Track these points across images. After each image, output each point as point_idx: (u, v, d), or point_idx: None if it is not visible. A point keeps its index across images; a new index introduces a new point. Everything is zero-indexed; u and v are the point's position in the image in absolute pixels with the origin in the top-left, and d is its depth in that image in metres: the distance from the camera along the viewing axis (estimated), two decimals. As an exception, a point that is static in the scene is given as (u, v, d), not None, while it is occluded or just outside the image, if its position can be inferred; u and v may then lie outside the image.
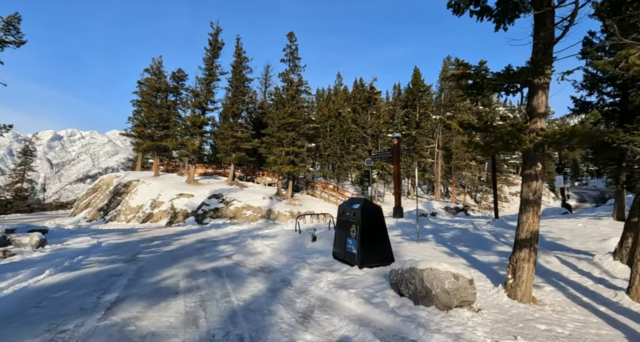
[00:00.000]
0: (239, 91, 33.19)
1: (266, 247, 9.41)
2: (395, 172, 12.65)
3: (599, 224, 9.61)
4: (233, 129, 32.64)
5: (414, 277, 4.80)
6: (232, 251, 9.84)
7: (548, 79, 4.65)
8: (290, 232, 12.32)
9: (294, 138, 28.65)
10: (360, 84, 45.91)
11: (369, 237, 6.58)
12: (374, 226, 6.69)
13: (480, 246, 8.45)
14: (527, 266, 4.80)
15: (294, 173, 28.55)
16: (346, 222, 7.12)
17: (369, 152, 30.61)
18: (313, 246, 8.94)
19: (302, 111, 31.01)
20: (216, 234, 14.49)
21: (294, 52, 30.05)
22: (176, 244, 11.65)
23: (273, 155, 28.48)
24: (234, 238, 12.61)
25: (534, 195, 4.79)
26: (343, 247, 7.12)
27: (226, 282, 6.35)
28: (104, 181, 31.46)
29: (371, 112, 31.84)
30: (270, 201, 26.55)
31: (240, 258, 8.64)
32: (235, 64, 33.82)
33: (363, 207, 6.68)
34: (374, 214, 6.74)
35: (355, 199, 7.34)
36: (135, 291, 5.82)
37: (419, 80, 36.91)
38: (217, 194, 26.59)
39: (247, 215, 24.54)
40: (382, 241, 6.73)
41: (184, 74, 38.14)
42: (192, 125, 31.26)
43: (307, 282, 6.06)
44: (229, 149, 31.78)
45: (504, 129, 4.37)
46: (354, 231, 6.73)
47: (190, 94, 34.20)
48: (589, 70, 10.45)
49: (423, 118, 35.32)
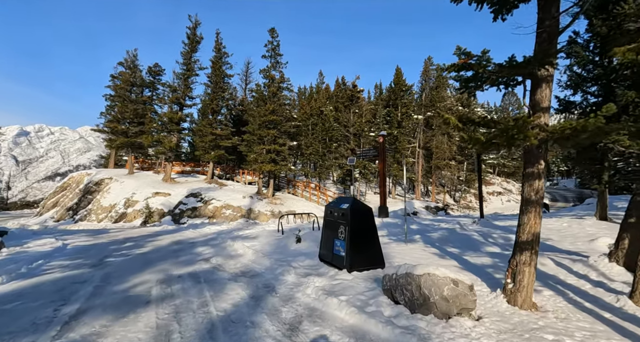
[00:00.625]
0: (218, 87, 32.26)
1: (247, 249, 8.89)
2: (381, 170, 12.36)
3: (583, 224, 9.62)
4: (212, 126, 31.69)
5: (410, 283, 4.44)
6: (210, 253, 9.25)
7: (552, 71, 4.39)
8: (273, 232, 11.81)
9: (276, 136, 28.04)
10: (343, 82, 45.67)
11: (358, 239, 6.19)
12: (364, 227, 6.31)
13: (470, 247, 8.24)
14: (528, 270, 4.54)
15: (275, 172, 27.96)
16: (334, 223, 6.71)
17: (351, 151, 30.38)
18: (297, 248, 8.49)
19: (283, 109, 30.43)
20: (194, 234, 13.80)
21: (276, 49, 29.43)
22: (150, 246, 10.93)
23: (254, 154, 27.78)
24: (213, 239, 11.99)
25: (536, 195, 4.52)
26: (330, 249, 6.71)
27: (204, 288, 5.81)
28: (73, 178, 29.84)
29: (354, 110, 31.61)
30: (251, 200, 25.88)
31: (220, 261, 8.09)
32: (215, 59, 32.85)
33: (352, 207, 6.29)
34: (363, 215, 6.36)
35: (344, 198, 6.94)
36: (99, 301, 5.20)
37: (401, 80, 37.00)
38: (195, 193, 25.67)
39: (226, 214, 23.79)
40: (372, 243, 6.36)
41: (160, 69, 36.75)
42: (169, 121, 30.10)
43: (293, 288, 5.61)
44: (208, 146, 30.83)
45: (508, 124, 4.07)
46: (343, 233, 6.33)
47: (167, 89, 32.96)
48: (573, 70, 10.48)
49: (405, 117, 35.42)
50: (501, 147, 4.41)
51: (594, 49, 10.24)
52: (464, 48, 4.29)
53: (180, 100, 30.75)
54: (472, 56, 4.27)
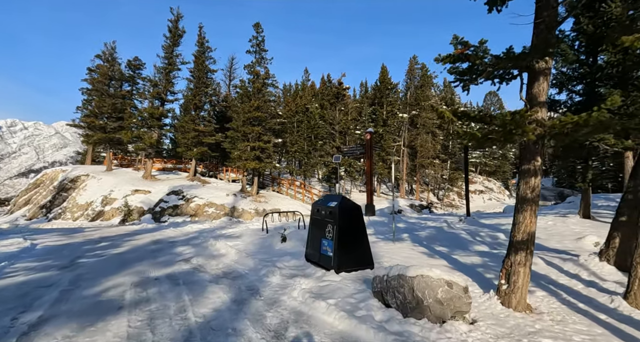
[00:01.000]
0: (201, 82, 31.47)
1: (230, 249, 8.52)
2: (368, 168, 12.16)
3: (567, 222, 9.66)
4: (195, 122, 30.91)
5: (402, 285, 4.21)
6: (191, 253, 8.83)
7: (550, 64, 4.23)
8: (257, 231, 11.45)
9: (260, 133, 27.56)
10: (328, 80, 45.39)
11: (347, 239, 5.93)
12: (353, 226, 6.05)
13: (458, 246, 8.11)
14: (523, 271, 4.38)
15: (259, 169, 27.48)
16: (321, 222, 6.43)
17: (337, 149, 30.17)
18: (283, 248, 8.18)
19: (268, 105, 29.96)
20: (174, 233, 13.28)
21: (261, 44, 28.91)
22: (127, 245, 10.39)
23: (238, 151, 27.23)
24: (194, 238, 11.53)
25: (532, 192, 4.36)
26: (317, 249, 6.44)
27: (183, 292, 5.44)
28: (47, 175, 28.57)
29: (339, 108, 31.39)
30: (235, 197, 25.36)
31: (201, 262, 7.70)
32: (198, 53, 32.03)
33: (341, 205, 6.02)
34: (352, 213, 6.11)
35: (332, 196, 6.67)
36: (65, 307, 4.76)
37: (386, 78, 37.00)
38: (176, 191, 24.96)
39: (209, 213, 23.22)
40: (361, 243, 6.12)
41: (141, 63, 35.60)
42: (149, 117, 29.16)
43: (279, 291, 5.30)
44: (191, 143, 30.06)
45: (505, 118, 3.87)
46: (330, 232, 6.06)
47: (147, 83, 31.94)
48: (559, 68, 10.51)
49: (390, 116, 35.47)
50: (497, 143, 4.23)
51: (579, 47, 10.28)
52: (461, 37, 4.07)
53: (161, 95, 29.84)
54: (470, 46, 4.07)
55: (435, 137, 39.70)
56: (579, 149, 10.17)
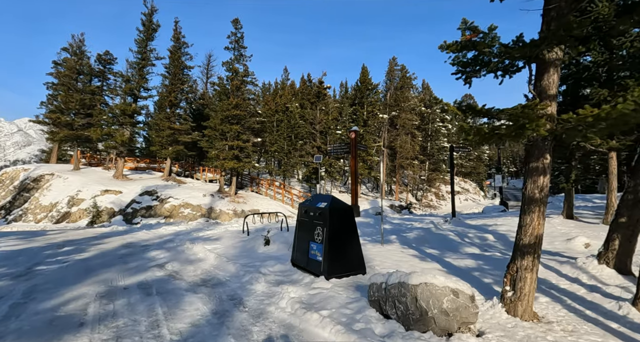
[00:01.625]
0: (177, 79, 30.29)
1: (209, 253, 7.91)
2: (353, 167, 11.83)
3: (552, 223, 9.64)
4: (170, 120, 29.72)
5: (404, 294, 3.82)
6: (166, 257, 8.16)
7: (561, 54, 3.96)
8: (237, 233, 10.85)
9: (239, 132, 26.78)
10: (309, 79, 44.95)
11: (338, 243, 5.51)
12: (344, 228, 5.63)
13: (448, 248, 7.87)
14: (530, 277, 4.09)
15: (238, 169, 26.70)
16: (309, 224, 5.98)
17: (317, 149, 29.76)
18: (266, 251, 7.66)
19: (247, 103, 29.19)
20: (147, 236, 12.45)
21: (240, 41, 28.15)
22: (94, 250, 9.56)
23: (215, 150, 26.35)
24: (169, 241, 10.80)
25: (541, 192, 4.08)
26: (305, 253, 5.98)
27: (156, 303, 4.85)
28: (7, 174, 26.63)
29: (320, 107, 31.00)
30: (212, 198, 24.48)
31: (177, 267, 7.07)
32: (173, 49, 30.83)
33: (331, 206, 5.59)
34: (344, 215, 5.69)
35: (321, 196, 6.23)
36: (15, 325, 4.08)
37: (367, 79, 36.96)
38: (150, 191, 23.82)
39: (185, 214, 22.26)
40: (353, 247, 5.70)
41: (112, 57, 33.93)
42: (121, 113, 27.78)
43: (264, 300, 4.81)
44: (165, 141, 28.87)
45: (517, 112, 3.56)
46: (320, 235, 5.61)
47: (119, 79, 30.44)
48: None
49: (371, 116, 35.44)
50: (505, 138, 3.91)
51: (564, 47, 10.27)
52: (470, 22, 3.73)
53: (134, 91, 28.51)
54: (479, 32, 3.74)
55: (414, 138, 40.02)
56: (563, 149, 10.20)
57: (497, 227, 9.67)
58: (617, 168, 9.46)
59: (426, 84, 54.69)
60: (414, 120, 39.12)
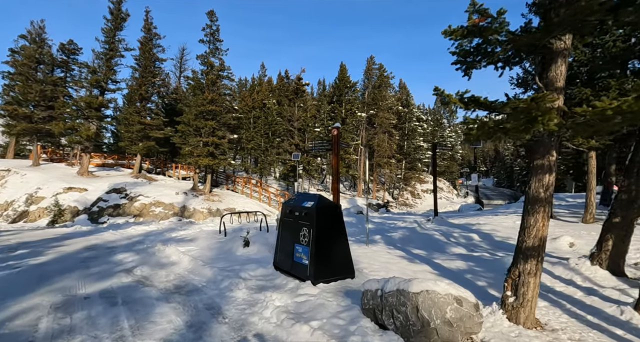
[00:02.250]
0: (148, 71, 28.89)
1: (183, 256, 7.31)
2: (335, 165, 11.47)
3: None
4: (141, 114, 28.32)
5: (404, 303, 3.47)
6: (134, 261, 7.49)
7: (569, 44, 3.73)
8: (213, 234, 10.24)
9: (214, 128, 25.87)
10: (286, 76, 44.27)
11: (326, 244, 5.11)
12: (333, 229, 5.25)
13: (435, 248, 7.66)
14: (534, 282, 3.85)
15: (213, 166, 25.80)
16: (294, 225, 5.55)
17: (295, 146, 29.26)
18: (245, 253, 7.16)
19: (223, 99, 28.27)
20: (114, 237, 11.58)
21: (215, 33, 27.20)
22: (52, 253, 8.69)
23: (189, 146, 25.31)
24: (139, 243, 10.04)
25: (546, 192, 3.85)
26: (289, 255, 5.54)
27: (122, 315, 4.28)
28: (-44, 170, 24.43)
29: (298, 104, 30.50)
30: (185, 196, 23.50)
31: (147, 272, 6.45)
32: (144, 40, 29.38)
33: (319, 205, 5.18)
34: (332, 215, 5.29)
35: (307, 195, 5.81)
36: (-53, 348, 3.44)
37: (346, 76, 36.78)
38: (118, 188, 22.54)
39: (156, 212, 21.21)
40: (342, 249, 5.32)
41: (76, 47, 31.91)
42: (86, 106, 26.13)
43: (246, 310, 4.35)
44: (136, 137, 27.49)
45: (526, 104, 3.29)
46: (306, 236, 5.19)
47: (85, 70, 28.62)
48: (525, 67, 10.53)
49: (349, 114, 35.29)
50: (511, 134, 3.63)
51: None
52: (479, 3, 3.42)
53: (101, 83, 26.89)
54: (488, 16, 3.43)
55: (391, 137, 40.28)
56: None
57: (480, 226, 9.62)
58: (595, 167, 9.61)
59: (403, 84, 55.36)
60: (391, 119, 39.35)
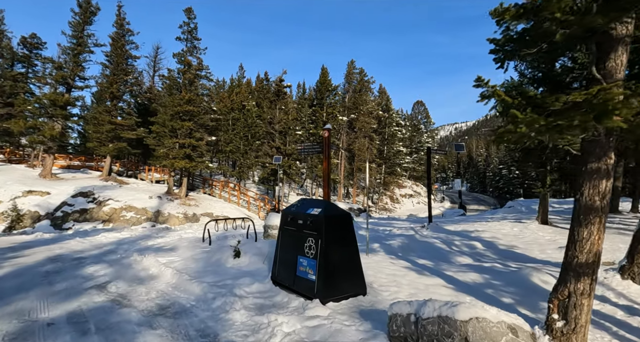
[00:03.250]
0: (120, 69, 27.39)
1: (164, 268, 6.49)
2: (325, 169, 10.93)
3: (531, 229, 9.49)
4: (111, 114, 26.76)
5: (449, 334, 2.93)
6: (107, 275, 6.59)
7: (631, 30, 3.32)
8: (195, 242, 9.40)
9: (192, 129, 24.76)
10: (266, 78, 43.45)
11: (336, 257, 4.51)
12: (343, 240, 4.66)
13: (440, 258, 7.23)
14: (587, 303, 3.38)
15: (190, 169, 24.62)
16: (297, 234, 4.92)
17: (276, 150, 28.52)
18: (236, 265, 6.43)
19: (201, 99, 27.20)
20: (82, 245, 10.46)
21: (193, 31, 26.19)
22: (8, 265, 7.60)
23: (164, 148, 24.06)
24: (111, 252, 9.06)
25: (602, 200, 3.35)
26: (291, 269, 4.91)
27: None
28: None
29: (280, 106, 29.83)
30: (159, 200, 22.23)
31: (123, 289, 5.61)
32: (116, 36, 27.89)
33: (328, 213, 4.58)
34: (342, 224, 4.71)
35: (311, 201, 5.22)
36: None
37: (327, 80, 36.47)
38: (85, 192, 20.99)
39: (127, 217, 19.87)
40: (353, 263, 4.71)
41: (40, 42, 29.93)
42: (51, 104, 24.36)
43: (249, 337, 3.67)
44: (105, 137, 25.90)
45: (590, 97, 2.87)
46: (313, 248, 4.58)
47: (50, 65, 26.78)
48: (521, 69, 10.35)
49: (330, 118, 34.93)
50: (565, 132, 3.19)
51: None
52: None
53: (67, 80, 25.19)
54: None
55: (372, 142, 40.26)
56: (539, 153, 10.10)
57: (479, 233, 9.32)
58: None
59: (383, 89, 55.76)
60: (372, 124, 39.37)
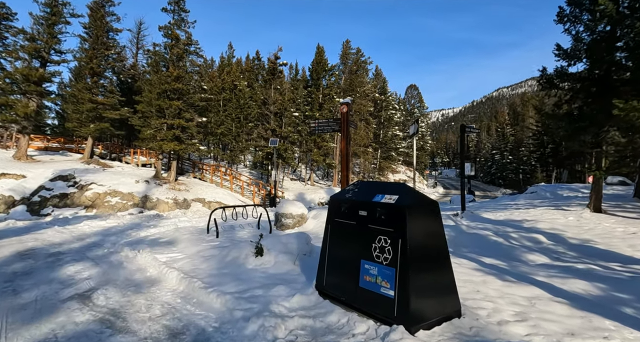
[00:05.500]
0: (100, 43, 25.06)
1: (166, 269, 5.14)
2: (344, 149, 9.61)
3: (589, 218, 8.36)
4: (92, 91, 24.59)
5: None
6: (93, 278, 5.21)
7: None
8: (197, 233, 8.03)
9: (181, 109, 22.93)
10: (257, 57, 41.26)
11: (425, 266, 3.21)
12: (433, 239, 3.38)
13: (505, 255, 5.99)
14: None
15: (179, 152, 22.95)
16: (358, 230, 3.59)
17: (272, 132, 26.94)
18: (260, 266, 5.11)
19: (190, 76, 25.28)
20: (61, 236, 8.97)
21: (180, 2, 24.13)
22: (-33, 264, 6.15)
23: (151, 129, 22.25)
24: (96, 245, 7.66)
25: None
26: (351, 278, 3.59)
27: None
28: None
29: (275, 86, 28.06)
30: (147, 185, 20.65)
31: (115, 300, 4.26)
32: (95, 6, 25.49)
33: (410, 201, 3.25)
34: (432, 216, 3.39)
35: (374, 184, 3.88)
36: None
37: (323, 59, 34.62)
38: (66, 175, 19.23)
39: (112, 203, 18.30)
40: (445, 272, 3.43)
41: (9, 12, 27.01)
42: (24, 80, 22.14)
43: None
44: (86, 117, 23.86)
45: None
46: (388, 251, 3.28)
47: (21, 37, 24.21)
48: (578, 34, 9.01)
49: (327, 99, 33.30)
50: None
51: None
52: None
53: (42, 53, 22.91)
54: None
55: (368, 125, 38.96)
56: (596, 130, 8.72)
57: (532, 223, 8.17)
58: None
59: (379, 71, 53.85)
60: (368, 107, 37.94)
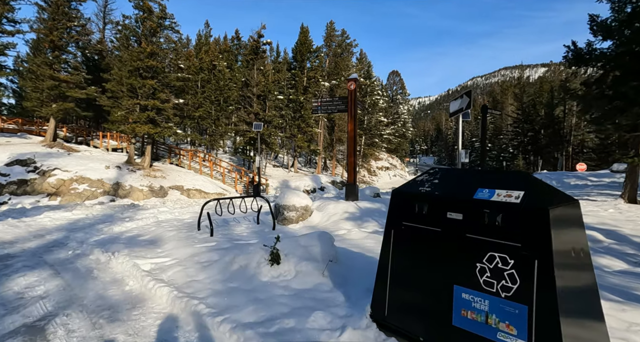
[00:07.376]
0: (61, 13, 22.44)
1: (152, 283, 3.90)
2: (351, 131, 8.50)
3: (632, 210, 7.73)
4: (53, 67, 22.10)
5: None
6: (50, 296, 3.92)
7: None
8: (185, 230, 6.74)
9: (155, 89, 20.94)
10: (237, 36, 38.93)
11: (575, 306, 2.03)
12: (581, 265, 2.27)
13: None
14: None
15: (154, 136, 21.08)
16: (447, 241, 2.39)
17: (255, 116, 25.34)
18: (278, 279, 3.93)
19: (165, 53, 23.14)
20: (13, 232, 7.45)
21: (153, -30, 21.77)
22: None
23: (122, 110, 20.23)
24: (59, 245, 6.26)
25: None
26: (436, 309, 2.41)
27: None
28: None
29: (258, 67, 26.29)
30: (119, 171, 18.83)
31: (79, 334, 3.03)
32: (55, -30, 22.64)
33: (554, 203, 1.99)
34: (577, 226, 2.17)
35: (473, 172, 2.75)
36: None
37: (308, 40, 32.97)
38: (24, 160, 17.15)
39: (80, 191, 16.47)
40: (596, 314, 2.23)
41: (-44, -27, 23.70)
42: (-28, 51, 19.47)
43: None
44: (47, 96, 21.51)
45: None
46: (511, 278, 2.03)
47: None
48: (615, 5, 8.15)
49: (312, 83, 31.84)
50: None
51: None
52: None
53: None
54: None
55: (353, 111, 37.90)
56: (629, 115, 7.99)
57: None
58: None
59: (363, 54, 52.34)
60: (354, 92, 36.79)
